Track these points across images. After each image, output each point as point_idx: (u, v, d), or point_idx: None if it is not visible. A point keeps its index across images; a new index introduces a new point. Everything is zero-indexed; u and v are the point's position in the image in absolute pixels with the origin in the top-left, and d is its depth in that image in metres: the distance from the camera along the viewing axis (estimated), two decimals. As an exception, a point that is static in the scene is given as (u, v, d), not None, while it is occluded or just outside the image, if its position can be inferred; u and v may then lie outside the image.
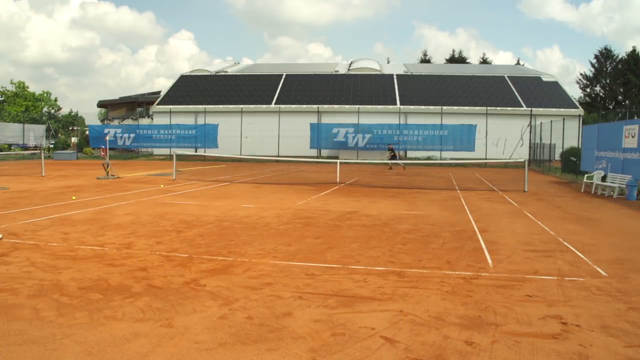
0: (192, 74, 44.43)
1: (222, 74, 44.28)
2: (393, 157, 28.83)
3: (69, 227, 8.08)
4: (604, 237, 8.05)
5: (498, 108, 35.85)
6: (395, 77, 41.58)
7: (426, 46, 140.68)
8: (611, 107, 47.47)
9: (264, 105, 38.27)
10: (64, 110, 53.84)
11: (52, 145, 41.05)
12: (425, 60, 64.31)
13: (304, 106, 37.52)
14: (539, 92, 38.68)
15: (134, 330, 3.81)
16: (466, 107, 36.43)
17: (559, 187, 17.62)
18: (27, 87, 53.25)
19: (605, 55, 53.69)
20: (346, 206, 11.39)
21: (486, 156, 32.62)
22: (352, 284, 5.17)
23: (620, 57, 52.94)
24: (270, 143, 36.08)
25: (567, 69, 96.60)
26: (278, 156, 32.68)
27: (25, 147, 36.40)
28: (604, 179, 15.29)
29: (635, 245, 7.45)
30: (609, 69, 53.16)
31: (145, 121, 41.12)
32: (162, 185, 15.53)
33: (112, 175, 18.14)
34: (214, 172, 22.83)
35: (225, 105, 38.31)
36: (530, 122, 33.89)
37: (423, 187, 16.52)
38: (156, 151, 37.60)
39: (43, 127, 41.84)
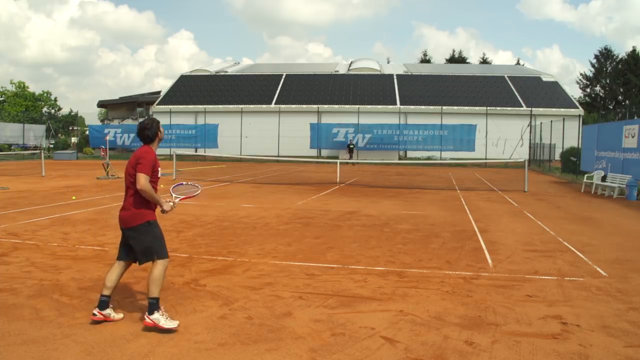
0: (192, 74, 44.45)
1: (222, 74, 44.30)
2: (351, 152, 30.99)
3: (69, 227, 8.08)
4: (604, 237, 8.05)
5: (498, 108, 35.86)
6: (395, 77, 41.59)
7: (426, 46, 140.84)
8: (611, 107, 47.46)
9: (264, 105, 38.28)
10: (64, 110, 53.91)
11: (52, 145, 41.05)
12: (425, 60, 64.33)
13: (304, 106, 37.52)
14: (539, 92, 38.68)
15: (134, 330, 3.81)
16: (466, 107, 36.44)
17: (559, 187, 17.62)
18: (27, 87, 53.30)
19: (605, 55, 53.70)
20: (346, 206, 11.39)
21: (486, 156, 32.62)
22: (352, 284, 5.17)
23: (620, 57, 52.99)
24: (270, 143, 36.08)
25: (567, 68, 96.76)
26: (278, 156, 32.67)
27: (25, 147, 36.37)
28: (604, 179, 15.29)
29: (635, 245, 7.45)
30: (609, 69, 53.16)
31: (145, 121, 41.05)
32: (162, 185, 15.48)
33: (112, 175, 18.14)
34: (214, 172, 22.83)
35: (225, 105, 38.32)
36: (530, 122, 33.88)
37: (423, 187, 16.52)
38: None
39: (43, 127, 41.83)
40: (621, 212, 11.32)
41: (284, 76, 42.18)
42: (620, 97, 50.76)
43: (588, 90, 54.54)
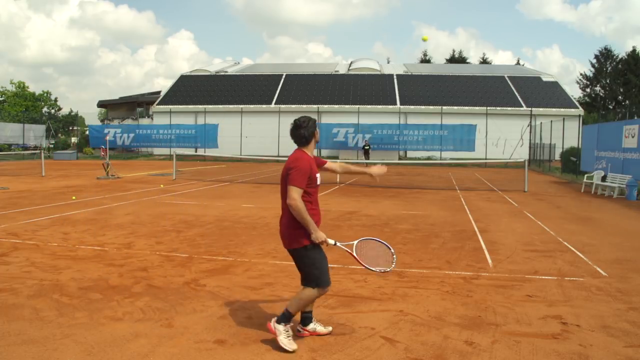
0: (192, 74, 44.45)
1: (222, 74, 44.30)
2: (367, 153, 30.89)
3: (69, 227, 8.08)
4: (604, 237, 8.05)
5: (498, 108, 35.85)
6: (395, 77, 41.58)
7: (426, 46, 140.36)
8: (611, 107, 47.46)
9: (264, 105, 38.28)
10: (64, 110, 53.87)
11: (52, 145, 41.04)
12: (425, 60, 64.30)
13: (304, 106, 37.48)
14: (539, 92, 38.68)
15: (134, 330, 3.81)
16: (466, 107, 36.43)
17: (559, 187, 17.61)
18: (27, 87, 53.27)
19: (605, 55, 53.69)
20: (346, 206, 11.39)
21: (486, 156, 32.60)
22: (352, 284, 5.17)
23: (620, 57, 52.99)
24: (270, 143, 36.08)
25: (567, 68, 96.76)
26: (278, 156, 32.66)
27: (25, 147, 36.37)
28: (604, 179, 15.29)
29: (635, 245, 7.45)
30: (609, 69, 53.15)
31: (145, 121, 41.12)
32: (162, 185, 15.53)
33: (112, 175, 18.14)
34: (214, 172, 22.82)
35: (225, 105, 38.32)
36: (530, 122, 33.88)
37: (423, 187, 16.52)
38: (156, 151, 37.61)
39: (43, 127, 41.82)
40: (621, 212, 11.32)
41: (284, 76, 42.17)
42: (620, 97, 50.75)
43: (588, 90, 54.56)
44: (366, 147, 31.63)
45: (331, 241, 3.56)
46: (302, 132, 3.64)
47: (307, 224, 3.46)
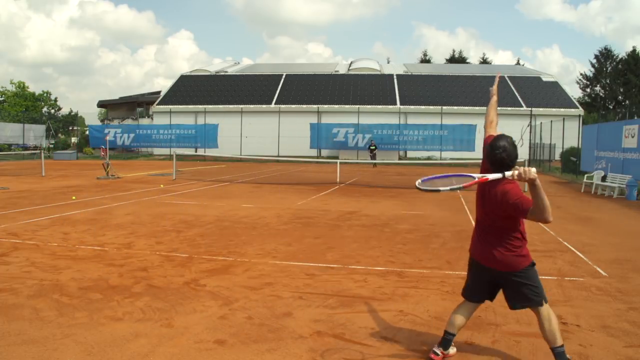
0: (192, 74, 44.47)
1: (222, 74, 44.32)
2: (373, 153, 30.67)
3: (69, 227, 8.08)
4: (604, 237, 8.05)
5: (498, 108, 35.64)
6: (395, 77, 41.59)
7: (426, 46, 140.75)
8: (611, 107, 47.46)
9: (264, 105, 38.30)
10: (64, 110, 53.84)
11: (52, 145, 41.03)
12: (425, 60, 64.32)
13: (304, 106, 37.54)
14: (539, 92, 38.69)
15: (134, 330, 3.81)
16: (466, 107, 36.43)
17: (559, 187, 17.61)
18: (27, 87, 53.25)
19: (605, 55, 53.70)
20: (346, 206, 11.39)
21: (486, 156, 32.59)
22: (352, 284, 5.17)
23: (620, 57, 53.00)
24: (270, 143, 36.09)
25: (567, 68, 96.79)
26: (278, 156, 32.68)
27: (25, 147, 36.36)
28: (604, 179, 15.29)
29: (635, 245, 7.45)
30: (609, 68, 53.16)
31: (145, 121, 41.14)
32: (162, 185, 15.52)
33: (112, 175, 18.14)
34: (214, 172, 22.83)
35: (225, 105, 38.34)
36: (530, 122, 33.87)
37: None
38: (156, 151, 37.63)
39: (43, 127, 41.81)
40: (621, 212, 11.32)
41: (284, 76, 42.18)
42: (620, 97, 50.75)
43: (588, 90, 54.58)
44: (372, 147, 31.15)
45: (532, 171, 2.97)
46: (508, 162, 3.20)
47: (546, 199, 3.02)
